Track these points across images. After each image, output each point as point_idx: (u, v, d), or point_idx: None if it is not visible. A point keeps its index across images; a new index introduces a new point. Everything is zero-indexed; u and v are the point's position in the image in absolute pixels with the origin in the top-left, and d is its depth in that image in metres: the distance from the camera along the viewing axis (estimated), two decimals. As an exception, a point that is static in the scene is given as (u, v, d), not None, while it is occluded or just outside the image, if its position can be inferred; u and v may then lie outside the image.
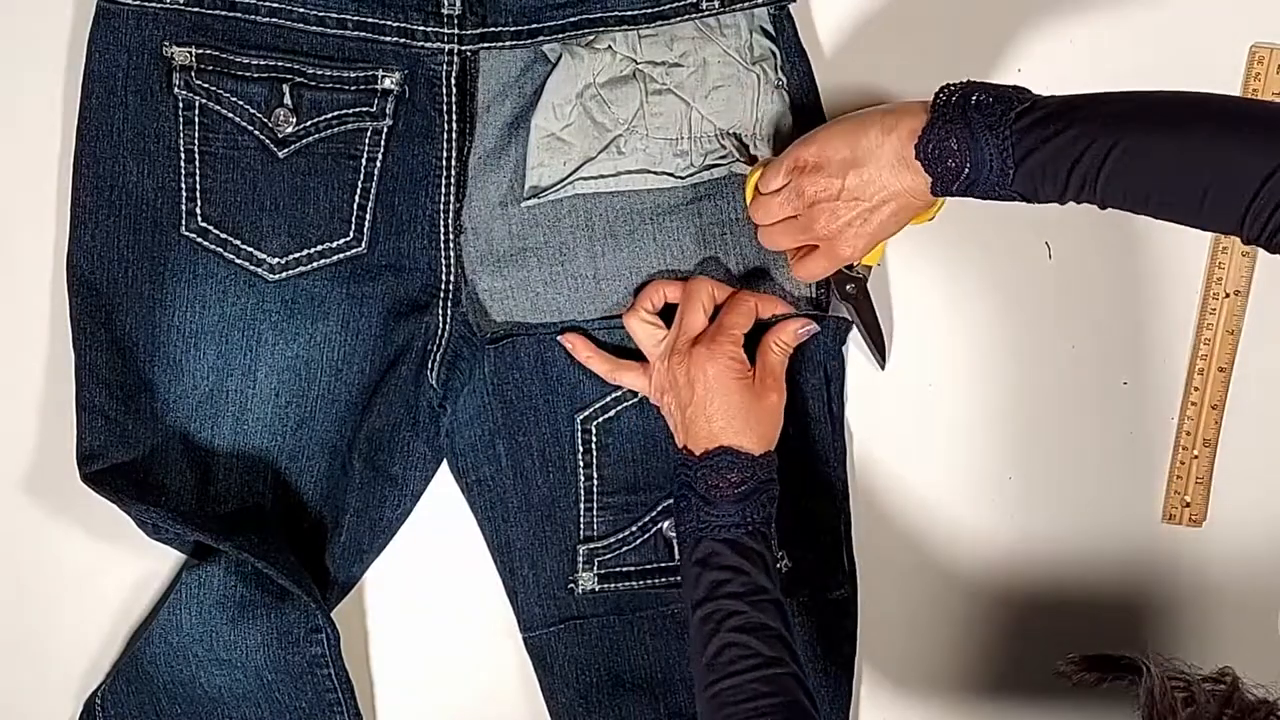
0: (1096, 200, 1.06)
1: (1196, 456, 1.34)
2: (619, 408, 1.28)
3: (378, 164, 1.24)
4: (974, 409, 1.34)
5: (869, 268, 1.27)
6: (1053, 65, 1.31)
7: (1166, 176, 1.03)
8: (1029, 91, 1.10)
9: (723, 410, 1.17)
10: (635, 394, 1.27)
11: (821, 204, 1.15)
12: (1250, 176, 0.99)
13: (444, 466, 1.30)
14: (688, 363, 1.19)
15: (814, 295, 1.28)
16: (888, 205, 1.14)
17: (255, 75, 1.21)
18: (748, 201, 1.22)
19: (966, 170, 1.08)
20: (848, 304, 1.28)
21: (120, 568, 1.29)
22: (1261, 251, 1.31)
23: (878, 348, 1.30)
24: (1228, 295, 1.33)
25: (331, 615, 1.26)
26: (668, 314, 1.24)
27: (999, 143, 1.07)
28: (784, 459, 1.26)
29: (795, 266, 1.22)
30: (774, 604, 1.14)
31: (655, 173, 1.25)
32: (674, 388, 1.20)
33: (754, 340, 1.22)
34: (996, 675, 1.35)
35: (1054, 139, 1.06)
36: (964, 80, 1.12)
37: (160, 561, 1.29)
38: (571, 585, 1.29)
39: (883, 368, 1.31)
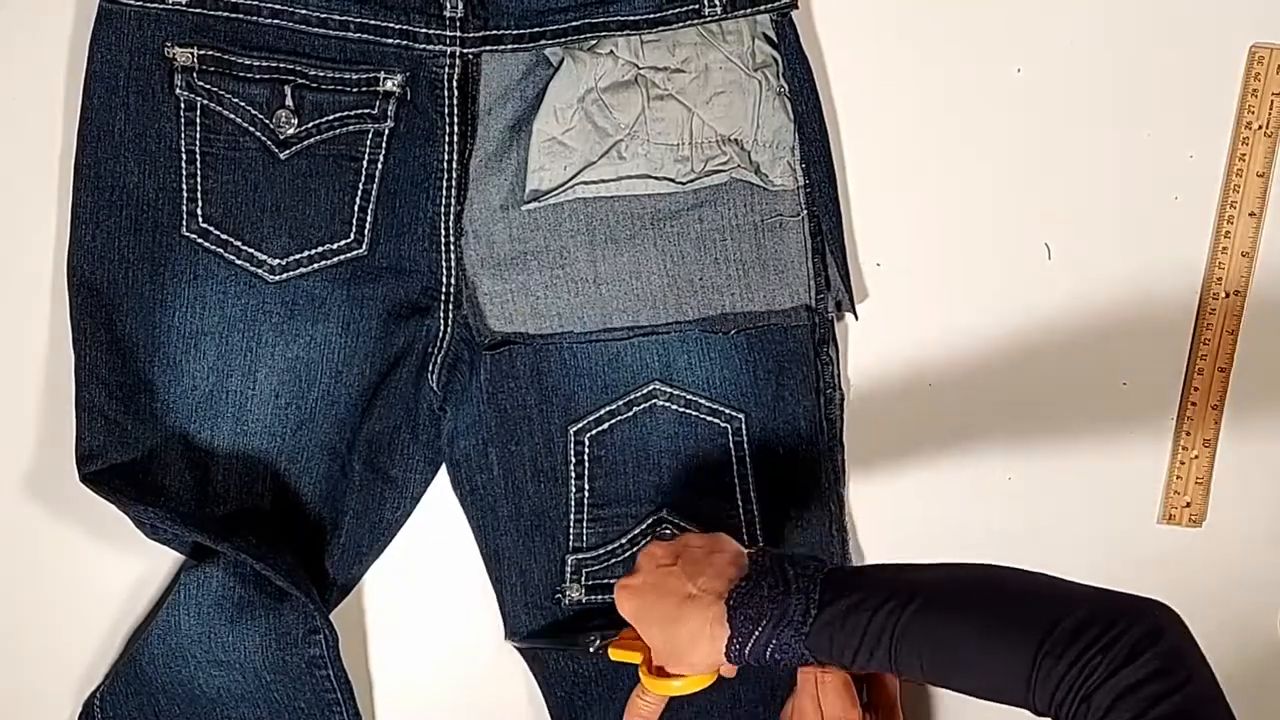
0: (892, 667, 1.04)
1: (1196, 456, 1.34)
2: (612, 420, 1.28)
3: (379, 166, 1.23)
4: (974, 409, 1.34)
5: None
6: (1053, 65, 1.31)
7: (954, 655, 1.02)
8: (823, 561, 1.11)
9: None
10: (629, 407, 1.28)
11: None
12: (1023, 657, 0.97)
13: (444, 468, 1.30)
14: None
15: (811, 302, 1.28)
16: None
17: (257, 76, 1.21)
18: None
19: (766, 621, 1.06)
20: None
21: (120, 568, 1.29)
22: (1261, 251, 1.32)
23: None
24: (1228, 295, 1.33)
25: (330, 616, 1.26)
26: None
27: (801, 596, 1.07)
28: (781, 464, 1.27)
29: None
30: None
31: (656, 178, 1.25)
32: None
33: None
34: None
35: (851, 595, 1.05)
36: (759, 548, 1.14)
37: (159, 561, 1.29)
38: (559, 596, 1.29)
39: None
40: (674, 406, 1.28)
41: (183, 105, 1.21)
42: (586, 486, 1.28)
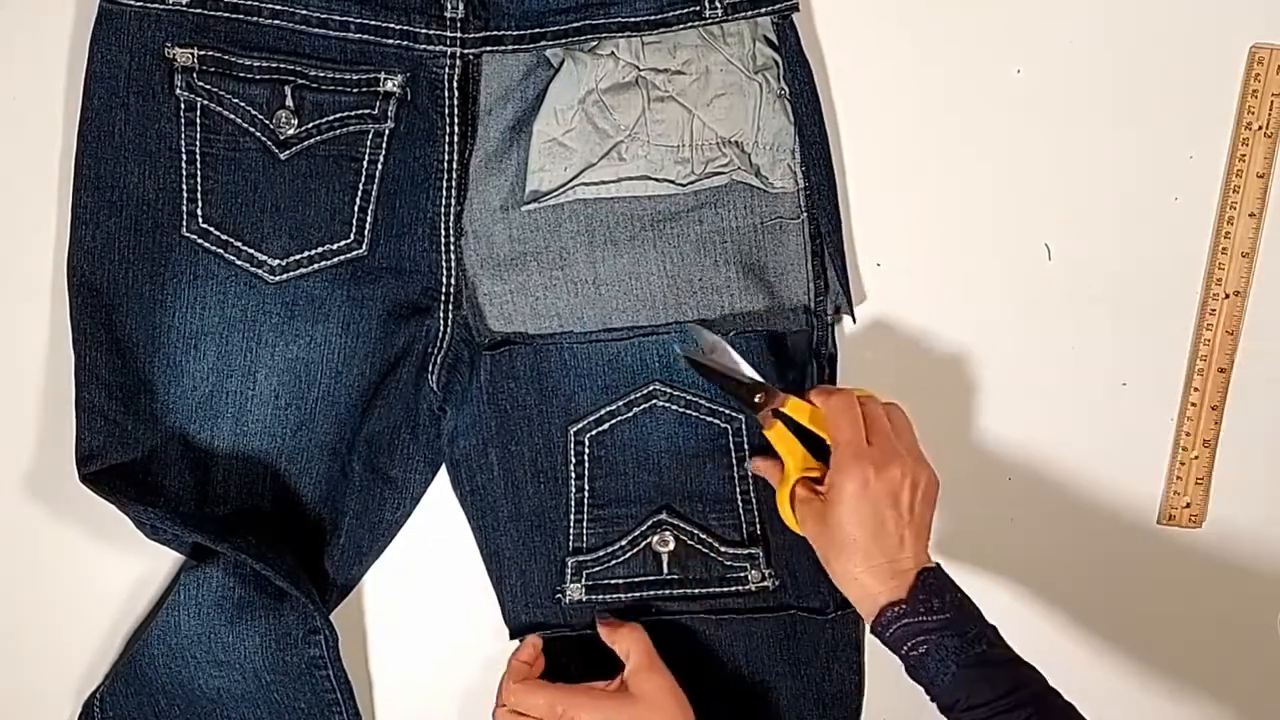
0: None
1: (1196, 457, 1.34)
2: (613, 421, 1.28)
3: (379, 166, 1.23)
4: (974, 409, 1.34)
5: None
6: (1053, 65, 1.31)
7: None
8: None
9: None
10: (629, 408, 1.28)
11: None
12: None
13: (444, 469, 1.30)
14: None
15: (810, 305, 1.28)
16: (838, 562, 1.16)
17: (257, 77, 1.21)
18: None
19: (942, 614, 1.12)
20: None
21: (120, 568, 1.29)
22: (1261, 251, 1.32)
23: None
24: (1228, 295, 1.33)
25: (330, 616, 1.26)
26: None
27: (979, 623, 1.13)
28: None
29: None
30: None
31: (656, 179, 1.25)
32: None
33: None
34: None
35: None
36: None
37: (159, 561, 1.29)
38: (559, 596, 1.29)
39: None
40: (674, 407, 1.28)
41: (183, 106, 1.21)
42: (586, 487, 1.28)
